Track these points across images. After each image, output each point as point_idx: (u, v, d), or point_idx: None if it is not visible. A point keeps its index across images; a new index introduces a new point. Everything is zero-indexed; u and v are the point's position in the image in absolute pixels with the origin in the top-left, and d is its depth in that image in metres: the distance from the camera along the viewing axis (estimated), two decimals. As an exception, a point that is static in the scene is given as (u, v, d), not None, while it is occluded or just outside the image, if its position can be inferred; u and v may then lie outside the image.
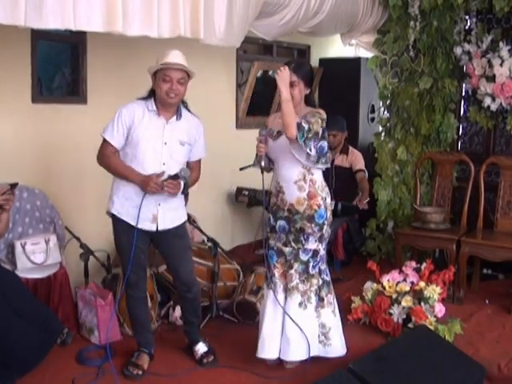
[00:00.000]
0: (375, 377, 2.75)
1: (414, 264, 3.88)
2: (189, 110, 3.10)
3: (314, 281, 3.12)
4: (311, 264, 3.10)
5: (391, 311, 3.57)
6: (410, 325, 3.50)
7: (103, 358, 3.21)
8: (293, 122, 2.87)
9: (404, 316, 3.54)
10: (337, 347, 3.18)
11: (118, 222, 3.07)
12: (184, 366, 3.21)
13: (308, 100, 3.09)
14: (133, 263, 2.99)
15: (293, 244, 3.09)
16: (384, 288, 3.69)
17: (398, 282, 3.69)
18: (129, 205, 3.00)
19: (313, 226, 3.04)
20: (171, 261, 3.19)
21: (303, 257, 3.09)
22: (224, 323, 3.75)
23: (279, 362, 3.19)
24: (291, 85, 2.98)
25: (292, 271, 3.09)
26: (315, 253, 3.11)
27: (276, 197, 3.12)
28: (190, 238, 3.34)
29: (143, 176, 2.94)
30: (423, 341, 3.13)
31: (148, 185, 2.90)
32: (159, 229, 3.02)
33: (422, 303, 3.55)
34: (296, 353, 3.09)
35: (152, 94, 3.02)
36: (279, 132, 3.05)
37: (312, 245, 3.08)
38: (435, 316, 3.53)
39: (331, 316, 3.17)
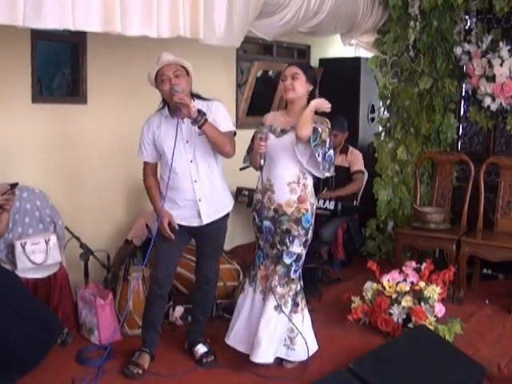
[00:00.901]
0: (375, 377, 2.75)
1: (413, 264, 3.88)
2: (203, 99, 3.08)
3: (293, 286, 3.12)
4: (293, 268, 3.10)
5: (391, 311, 3.57)
6: (410, 325, 3.50)
7: (103, 357, 3.21)
8: (310, 124, 2.89)
9: (404, 316, 3.54)
10: (299, 352, 3.15)
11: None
12: (184, 366, 3.21)
13: (311, 99, 3.08)
14: (164, 257, 3.07)
15: (278, 246, 3.10)
16: (384, 288, 3.68)
17: (398, 282, 3.69)
18: (172, 207, 3.05)
19: (299, 228, 3.04)
20: (200, 254, 3.24)
21: (286, 260, 3.08)
22: (224, 323, 3.74)
23: (279, 362, 3.19)
24: (293, 77, 3.03)
25: (274, 273, 3.10)
26: (298, 257, 3.10)
27: (262, 194, 3.09)
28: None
29: (159, 213, 3.03)
30: (423, 341, 3.13)
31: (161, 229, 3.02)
32: (204, 222, 3.06)
33: (422, 303, 3.55)
34: (264, 356, 3.05)
35: (165, 102, 3.07)
36: (283, 130, 3.06)
37: (297, 248, 3.08)
38: (435, 316, 3.52)
39: (301, 322, 3.16)
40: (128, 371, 3.07)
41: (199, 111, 2.89)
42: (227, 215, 3.21)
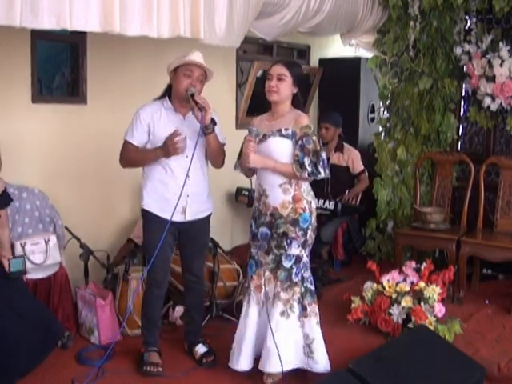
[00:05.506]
0: (375, 377, 2.74)
1: (413, 264, 3.88)
2: None
3: (297, 289, 2.99)
4: (294, 271, 2.97)
5: (391, 311, 3.57)
6: (410, 325, 3.50)
7: (103, 357, 3.21)
8: (288, 171, 2.91)
9: (404, 316, 3.54)
10: (321, 361, 3.03)
11: (148, 218, 3.13)
12: (184, 366, 3.22)
13: (294, 100, 3.04)
14: (161, 259, 3.03)
15: (275, 250, 2.98)
16: (384, 288, 3.68)
17: (398, 282, 3.69)
18: (158, 198, 3.07)
19: (297, 230, 2.94)
20: (188, 253, 3.25)
21: (286, 263, 2.97)
22: (224, 323, 3.75)
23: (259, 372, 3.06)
24: (279, 78, 2.96)
25: (270, 281, 3.01)
26: (298, 259, 2.98)
27: (258, 201, 3.04)
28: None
29: (160, 147, 2.97)
30: (423, 341, 3.12)
31: (169, 149, 2.93)
32: (188, 219, 3.08)
33: (422, 303, 3.55)
34: (276, 365, 2.94)
35: (166, 92, 3.09)
36: (265, 135, 2.98)
37: (295, 250, 2.96)
38: (435, 316, 3.53)
39: (315, 327, 3.03)
40: (145, 371, 3.08)
41: (211, 119, 2.95)
42: (210, 215, 3.26)
